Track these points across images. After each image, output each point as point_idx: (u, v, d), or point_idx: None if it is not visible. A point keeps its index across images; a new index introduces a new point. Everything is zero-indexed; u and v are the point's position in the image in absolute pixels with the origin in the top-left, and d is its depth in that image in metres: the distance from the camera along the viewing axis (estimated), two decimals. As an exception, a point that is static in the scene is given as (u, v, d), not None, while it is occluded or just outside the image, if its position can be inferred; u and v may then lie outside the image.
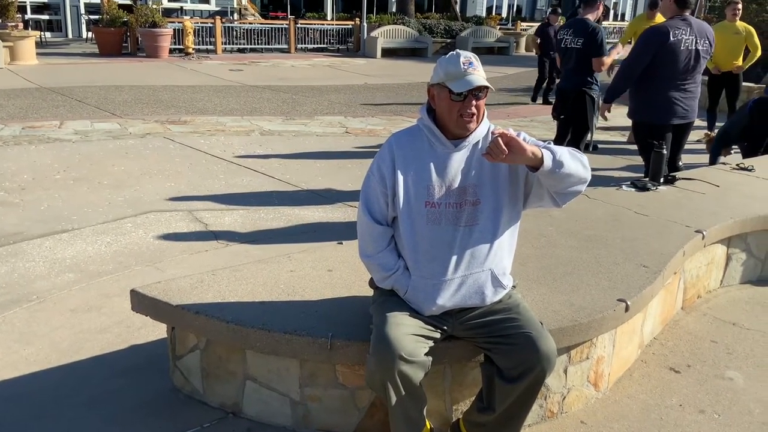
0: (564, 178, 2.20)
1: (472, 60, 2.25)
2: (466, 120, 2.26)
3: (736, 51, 8.40)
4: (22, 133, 8.10)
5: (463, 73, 2.22)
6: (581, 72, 6.01)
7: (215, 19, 18.91)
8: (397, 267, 2.36)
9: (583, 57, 5.95)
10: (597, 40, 5.88)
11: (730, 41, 8.28)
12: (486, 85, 2.23)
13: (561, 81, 6.46)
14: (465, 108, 2.24)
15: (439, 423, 2.60)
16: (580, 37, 5.93)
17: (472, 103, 2.24)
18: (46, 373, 3.05)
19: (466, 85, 2.21)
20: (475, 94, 2.24)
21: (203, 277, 2.90)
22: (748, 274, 4.30)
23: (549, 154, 2.15)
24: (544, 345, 2.21)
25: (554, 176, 2.18)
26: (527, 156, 2.14)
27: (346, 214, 5.55)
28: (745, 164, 5.28)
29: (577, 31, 5.99)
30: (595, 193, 4.44)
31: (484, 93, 2.27)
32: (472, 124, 2.29)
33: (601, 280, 3.03)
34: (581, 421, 2.78)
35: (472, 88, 2.21)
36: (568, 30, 6.13)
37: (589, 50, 5.90)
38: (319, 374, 2.56)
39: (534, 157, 2.14)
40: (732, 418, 2.84)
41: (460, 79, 2.22)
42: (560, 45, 6.26)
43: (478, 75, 2.23)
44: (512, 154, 2.13)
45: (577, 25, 6.08)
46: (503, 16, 30.89)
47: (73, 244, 4.68)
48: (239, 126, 9.13)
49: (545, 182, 2.25)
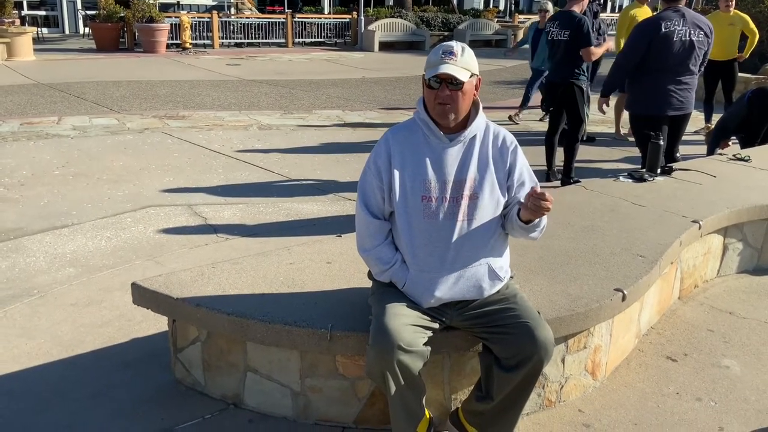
0: (524, 233, 2.37)
1: (453, 49, 2.24)
2: (441, 108, 2.26)
3: (731, 42, 8.37)
4: (21, 129, 8.11)
5: (439, 61, 2.23)
6: (569, 63, 6.05)
7: (212, 14, 18.86)
8: (395, 261, 2.37)
9: (571, 48, 5.98)
10: (583, 31, 5.91)
11: (724, 32, 8.25)
12: (453, 74, 2.20)
13: (549, 74, 6.50)
14: (438, 96, 2.24)
15: (438, 412, 2.63)
16: (567, 29, 5.98)
17: (446, 92, 2.23)
18: (47, 367, 3.08)
19: (433, 72, 2.22)
20: (450, 84, 2.23)
21: (203, 270, 2.92)
22: (744, 264, 4.33)
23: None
24: (542, 334, 2.23)
25: (522, 228, 2.34)
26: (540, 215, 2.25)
27: (345, 207, 5.57)
28: (742, 155, 5.30)
29: (564, 23, 6.03)
30: (593, 185, 4.47)
31: (461, 86, 2.23)
32: (450, 114, 2.27)
33: (599, 270, 3.05)
34: (579, 410, 2.81)
35: (441, 75, 2.20)
36: (554, 22, 6.18)
37: (576, 42, 5.94)
38: (319, 365, 2.58)
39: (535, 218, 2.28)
40: (728, 406, 2.86)
41: (433, 67, 2.24)
42: (547, 37, 6.29)
43: (452, 64, 2.21)
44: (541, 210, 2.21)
45: (563, 17, 6.11)
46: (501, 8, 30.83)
47: (73, 239, 4.70)
48: (237, 120, 9.13)
49: (512, 222, 2.36)
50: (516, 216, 2.32)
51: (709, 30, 5.10)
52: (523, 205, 2.24)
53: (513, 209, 2.35)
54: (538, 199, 2.16)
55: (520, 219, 2.30)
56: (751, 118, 6.18)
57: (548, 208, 2.18)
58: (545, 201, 2.16)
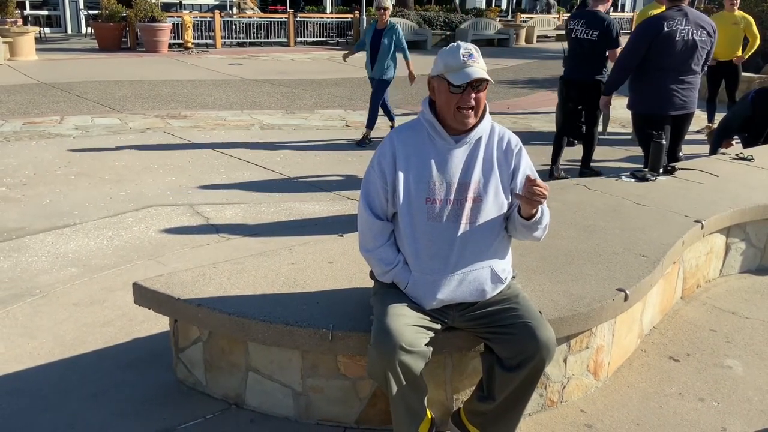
0: (527, 232, 2.35)
1: (473, 51, 2.24)
2: (464, 113, 2.25)
3: (735, 41, 8.37)
4: (23, 128, 8.11)
5: (463, 64, 2.21)
6: (595, 62, 6.24)
7: (214, 13, 18.86)
8: (397, 262, 2.36)
9: (598, 48, 6.16)
10: (613, 33, 6.13)
11: (729, 32, 8.25)
12: (485, 77, 2.22)
13: (570, 71, 6.53)
14: (463, 101, 2.23)
15: (440, 412, 2.63)
16: (595, 29, 6.14)
17: (471, 96, 2.22)
18: (50, 366, 3.08)
19: (464, 77, 2.20)
20: (475, 87, 2.23)
21: (205, 270, 2.92)
22: (747, 264, 4.32)
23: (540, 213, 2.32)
24: (544, 334, 2.23)
25: (524, 226, 2.32)
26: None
27: (347, 207, 5.57)
28: (745, 154, 5.28)
29: (591, 23, 6.19)
30: (595, 184, 4.46)
31: (484, 86, 2.25)
32: (470, 119, 2.27)
33: (601, 269, 3.04)
34: (581, 410, 2.80)
35: (471, 81, 2.20)
36: (580, 20, 6.31)
37: (605, 42, 6.13)
38: (320, 365, 2.58)
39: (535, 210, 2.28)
40: (731, 406, 2.86)
41: (459, 71, 2.21)
42: (570, 35, 6.42)
43: (478, 67, 2.22)
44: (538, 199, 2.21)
45: (589, 16, 6.26)
46: (503, 8, 30.80)
47: (75, 239, 4.70)
48: (239, 120, 9.13)
49: (514, 222, 2.35)
50: (517, 213, 2.32)
51: (712, 29, 5.08)
52: (519, 196, 2.23)
53: (515, 209, 2.35)
54: (532, 186, 2.16)
55: (520, 216, 2.30)
56: (755, 118, 6.16)
57: (543, 195, 2.17)
58: (538, 187, 2.15)
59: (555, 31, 25.74)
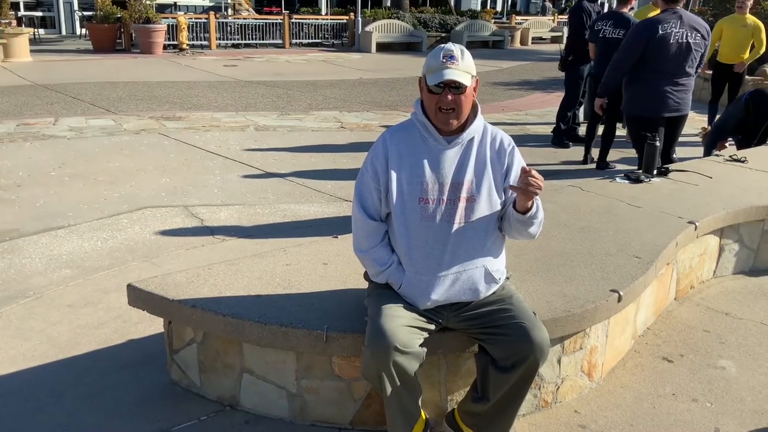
0: (522, 228, 2.34)
1: (454, 53, 2.23)
2: (444, 114, 2.26)
3: (744, 44, 8.29)
4: (17, 130, 8.09)
5: (441, 66, 2.22)
6: None
7: (209, 15, 18.85)
8: (391, 262, 2.37)
9: None
10: None
11: (738, 34, 8.20)
12: (458, 79, 2.20)
13: (599, 68, 6.71)
14: (442, 101, 2.24)
15: (434, 413, 2.63)
16: (622, 28, 6.56)
17: (448, 97, 2.22)
18: (43, 368, 3.07)
19: (438, 78, 2.21)
20: (453, 88, 2.22)
21: (199, 272, 2.92)
22: (740, 265, 4.34)
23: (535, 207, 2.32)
24: (537, 335, 2.23)
25: (520, 222, 2.31)
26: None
27: (341, 208, 5.57)
28: (738, 156, 5.31)
29: (618, 23, 6.65)
30: (589, 186, 4.47)
31: (464, 88, 2.23)
32: (452, 120, 2.27)
33: (594, 271, 3.05)
34: (575, 411, 2.81)
35: (446, 81, 2.20)
36: (608, 21, 6.78)
37: None
38: (315, 366, 2.58)
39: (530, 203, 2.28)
40: (724, 407, 2.87)
41: (435, 72, 2.22)
42: (598, 35, 6.82)
43: (455, 69, 2.21)
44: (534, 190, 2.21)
45: (616, 17, 6.77)
46: (498, 9, 30.87)
47: (69, 241, 4.69)
48: (234, 121, 9.12)
49: (509, 219, 2.35)
50: (512, 209, 2.32)
51: (706, 32, 5.11)
52: (515, 188, 2.24)
53: (510, 206, 2.35)
54: (527, 177, 2.17)
55: (516, 211, 2.30)
56: (748, 120, 6.19)
57: (538, 186, 2.17)
58: (533, 178, 2.16)
59: (550, 33, 25.82)
